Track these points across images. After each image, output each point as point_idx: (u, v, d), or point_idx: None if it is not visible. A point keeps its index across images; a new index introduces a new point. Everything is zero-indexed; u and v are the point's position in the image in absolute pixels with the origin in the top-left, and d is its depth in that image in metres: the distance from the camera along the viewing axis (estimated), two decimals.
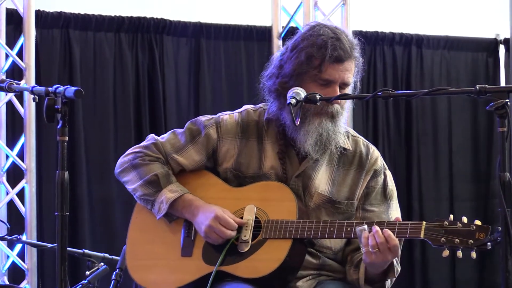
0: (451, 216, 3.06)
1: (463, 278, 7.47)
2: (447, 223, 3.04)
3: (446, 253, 3.02)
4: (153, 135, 3.52)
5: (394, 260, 3.20)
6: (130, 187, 3.44)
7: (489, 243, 2.96)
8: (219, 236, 3.24)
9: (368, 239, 3.06)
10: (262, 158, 3.37)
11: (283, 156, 3.35)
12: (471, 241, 3.00)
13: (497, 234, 2.86)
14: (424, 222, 3.07)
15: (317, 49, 3.22)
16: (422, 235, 3.05)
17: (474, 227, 3.01)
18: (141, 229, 3.46)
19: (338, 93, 3.22)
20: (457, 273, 7.44)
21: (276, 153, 3.36)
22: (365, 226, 3.09)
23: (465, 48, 7.62)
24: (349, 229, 3.17)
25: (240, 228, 3.27)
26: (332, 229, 3.19)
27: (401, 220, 3.15)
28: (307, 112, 3.23)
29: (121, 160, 3.48)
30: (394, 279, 3.28)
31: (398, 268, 3.25)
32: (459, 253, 3.00)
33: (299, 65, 3.25)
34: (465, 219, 3.03)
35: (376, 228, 3.07)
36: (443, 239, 3.03)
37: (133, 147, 3.49)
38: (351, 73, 3.27)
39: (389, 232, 3.06)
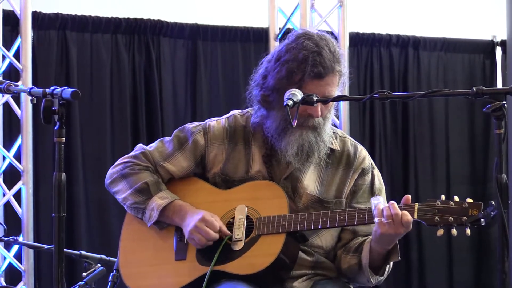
0: (443, 196, 3.09)
1: (460, 279, 7.47)
2: (440, 203, 3.08)
3: (440, 232, 3.05)
4: (141, 144, 3.54)
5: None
6: (120, 196, 3.45)
7: (482, 219, 3.00)
8: (203, 237, 3.24)
9: (382, 210, 3.08)
10: (249, 162, 3.38)
11: (268, 159, 3.37)
12: (464, 218, 3.04)
13: (489, 208, 2.88)
14: (416, 203, 3.10)
15: (297, 65, 3.22)
16: (415, 216, 3.08)
17: (467, 205, 3.05)
18: (133, 238, 3.46)
19: (319, 108, 3.23)
20: (454, 275, 7.45)
21: (261, 157, 3.37)
22: (380, 198, 3.13)
23: (462, 50, 7.63)
24: (341, 217, 3.19)
25: (232, 228, 3.28)
26: (325, 219, 3.20)
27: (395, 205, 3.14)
28: (289, 124, 3.17)
29: (110, 171, 3.49)
30: (392, 263, 3.26)
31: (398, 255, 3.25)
32: (454, 231, 3.03)
33: (280, 80, 3.25)
34: (457, 198, 3.07)
35: (392, 201, 3.09)
36: (436, 218, 3.06)
37: (121, 158, 3.50)
38: (333, 86, 3.25)
39: (405, 211, 3.07)
